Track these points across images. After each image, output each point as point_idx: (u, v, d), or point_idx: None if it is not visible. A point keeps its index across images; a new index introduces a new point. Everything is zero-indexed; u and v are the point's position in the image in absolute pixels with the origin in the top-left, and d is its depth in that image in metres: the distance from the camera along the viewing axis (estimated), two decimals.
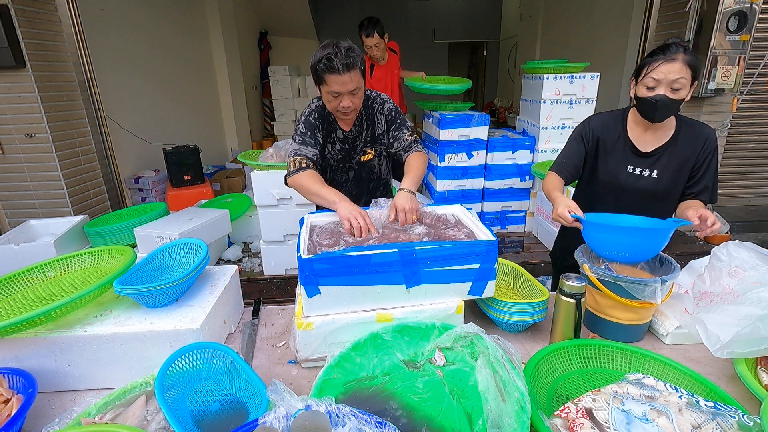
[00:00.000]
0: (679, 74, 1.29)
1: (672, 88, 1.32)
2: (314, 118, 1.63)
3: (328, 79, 1.45)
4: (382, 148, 1.74)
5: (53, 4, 2.96)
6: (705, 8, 3.21)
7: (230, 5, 5.82)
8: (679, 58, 1.29)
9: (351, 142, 1.70)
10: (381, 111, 1.69)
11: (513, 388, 0.84)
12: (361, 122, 1.68)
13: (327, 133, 1.67)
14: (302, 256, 1.07)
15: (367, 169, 1.76)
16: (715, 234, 1.30)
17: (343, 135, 1.68)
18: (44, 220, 2.57)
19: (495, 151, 3.43)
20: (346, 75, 1.43)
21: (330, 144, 1.69)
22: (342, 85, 1.45)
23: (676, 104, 1.34)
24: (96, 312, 1.15)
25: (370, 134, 1.71)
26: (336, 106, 1.52)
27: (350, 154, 1.72)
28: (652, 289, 1.11)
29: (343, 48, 1.42)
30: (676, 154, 1.46)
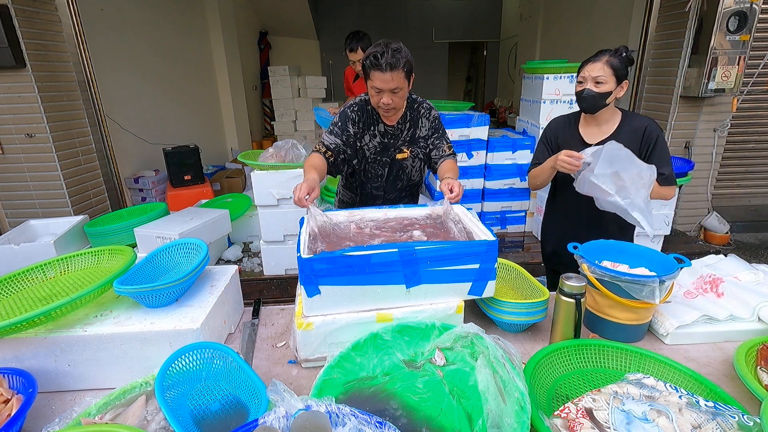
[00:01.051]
0: (600, 72, 1.57)
1: (596, 82, 1.58)
2: (352, 110, 1.73)
3: (372, 74, 1.54)
4: (418, 150, 1.81)
5: (53, 4, 2.96)
6: (705, 8, 3.21)
7: (230, 5, 5.82)
8: (602, 60, 1.58)
9: (392, 137, 1.76)
10: (427, 116, 1.78)
11: (513, 388, 0.84)
12: (405, 121, 1.76)
13: (366, 126, 1.74)
14: (302, 256, 1.07)
15: (399, 167, 1.82)
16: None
17: (384, 129, 1.75)
18: (44, 220, 2.57)
19: (495, 151, 3.43)
20: (389, 74, 1.51)
21: (369, 136, 1.75)
22: (383, 83, 1.53)
23: (602, 96, 1.59)
24: (96, 312, 1.15)
25: (410, 135, 1.78)
26: (377, 102, 1.61)
27: (389, 150, 1.78)
28: (651, 288, 1.11)
29: (392, 49, 1.50)
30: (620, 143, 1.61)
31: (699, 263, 1.50)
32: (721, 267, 1.47)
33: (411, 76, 1.61)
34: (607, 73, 1.57)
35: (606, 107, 1.63)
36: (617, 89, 1.60)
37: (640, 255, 1.31)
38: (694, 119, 3.59)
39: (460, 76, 10.94)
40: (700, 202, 3.87)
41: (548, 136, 1.84)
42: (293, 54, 7.94)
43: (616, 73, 1.57)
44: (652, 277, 1.14)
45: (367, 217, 1.44)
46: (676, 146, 3.67)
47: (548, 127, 1.85)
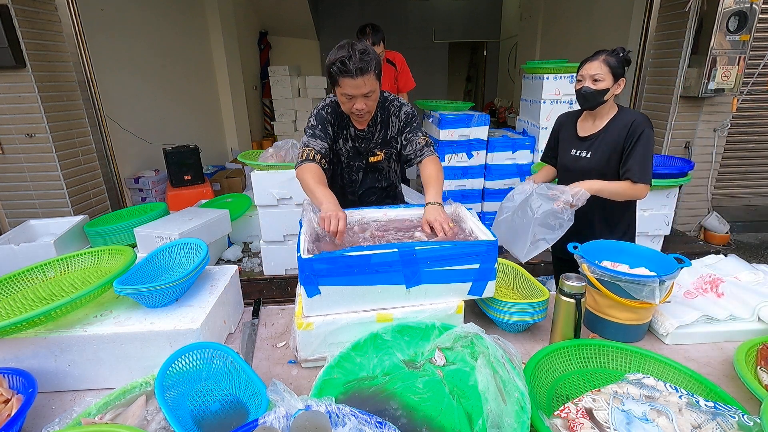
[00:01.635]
0: (597, 70, 1.63)
1: (593, 80, 1.64)
2: (327, 113, 1.64)
3: (341, 81, 1.45)
4: (392, 150, 1.75)
5: (53, 4, 2.96)
6: (705, 8, 3.21)
7: (230, 5, 5.82)
8: (599, 59, 1.64)
9: (363, 141, 1.71)
10: (397, 114, 1.69)
11: (513, 388, 0.84)
12: (375, 123, 1.69)
13: (340, 129, 1.68)
14: (302, 256, 1.07)
15: (374, 170, 1.78)
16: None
17: (355, 133, 1.69)
18: (44, 220, 2.57)
19: (495, 151, 3.43)
20: (360, 79, 1.43)
21: (342, 139, 1.70)
22: (355, 89, 1.45)
23: (598, 93, 1.65)
24: (96, 312, 1.15)
25: (382, 136, 1.71)
26: (350, 108, 1.53)
27: (361, 153, 1.73)
28: (650, 289, 1.11)
29: (358, 51, 1.41)
30: (607, 138, 1.70)
31: (699, 263, 1.50)
32: (721, 267, 1.47)
33: (381, 77, 1.53)
34: (604, 70, 1.62)
35: (605, 103, 1.68)
36: (615, 86, 1.64)
37: (640, 255, 1.31)
38: (694, 119, 3.59)
39: (460, 76, 10.93)
40: (700, 202, 3.87)
41: (554, 129, 1.93)
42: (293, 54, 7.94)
43: (612, 71, 1.62)
44: (652, 277, 1.14)
45: (367, 218, 1.44)
46: (676, 146, 3.67)
47: (556, 121, 1.93)
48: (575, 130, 1.80)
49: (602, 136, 1.70)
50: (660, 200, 3.12)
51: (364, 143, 1.71)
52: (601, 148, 1.70)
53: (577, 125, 1.81)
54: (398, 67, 3.55)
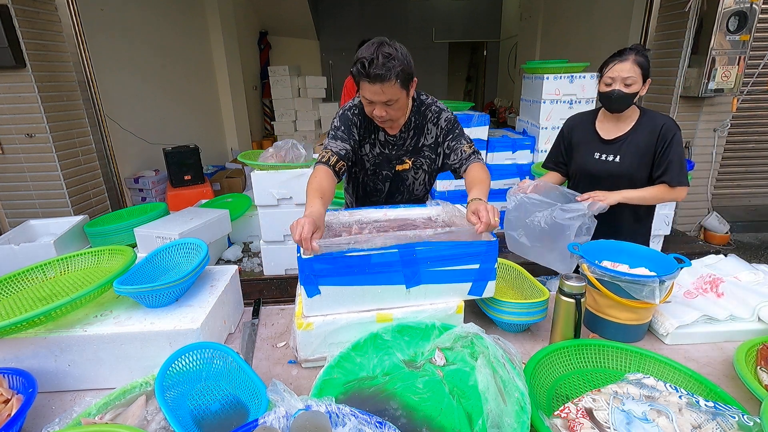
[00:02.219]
0: (630, 72, 1.55)
1: (625, 83, 1.56)
2: (353, 113, 1.52)
3: (361, 84, 1.34)
4: (422, 160, 1.60)
5: (53, 4, 2.96)
6: (705, 8, 3.21)
7: (230, 5, 5.82)
8: (629, 59, 1.55)
9: (393, 148, 1.57)
10: (435, 121, 1.55)
11: (513, 388, 0.84)
12: (408, 129, 1.55)
13: (367, 132, 1.55)
14: (302, 256, 1.07)
15: (399, 180, 1.62)
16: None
17: (385, 138, 1.55)
18: (44, 220, 2.57)
19: (495, 151, 3.43)
20: (378, 86, 1.30)
21: (369, 144, 1.56)
22: (373, 95, 1.34)
23: (630, 97, 1.58)
24: (96, 312, 1.15)
25: (414, 143, 1.57)
26: (370, 112, 1.43)
27: (390, 161, 1.59)
28: (650, 288, 1.11)
29: (383, 54, 1.27)
30: (636, 140, 1.65)
31: (699, 263, 1.50)
32: (721, 267, 1.47)
33: (410, 84, 1.38)
34: (636, 73, 1.55)
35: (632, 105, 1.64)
36: (644, 87, 1.59)
37: (640, 255, 1.31)
38: (694, 119, 3.59)
39: (460, 76, 10.94)
40: (700, 202, 3.87)
41: (564, 133, 1.84)
42: (293, 54, 7.94)
43: (643, 72, 1.56)
44: (652, 277, 1.14)
45: (368, 218, 1.43)
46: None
47: (565, 124, 1.85)
48: (595, 132, 1.72)
49: (630, 138, 1.64)
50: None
51: (394, 150, 1.57)
52: (630, 151, 1.64)
53: (597, 127, 1.73)
54: None
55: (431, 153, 1.60)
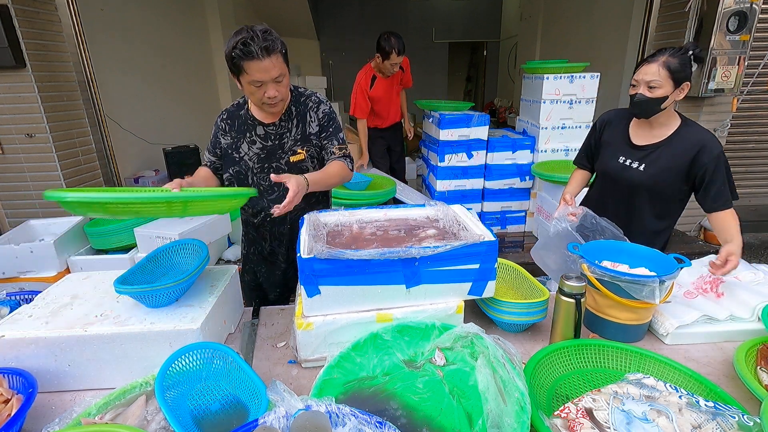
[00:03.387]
0: (654, 76, 1.44)
1: (648, 87, 1.46)
2: (221, 119, 1.58)
3: (247, 66, 1.30)
4: (314, 149, 1.58)
5: (53, 4, 2.96)
6: (705, 8, 3.21)
7: (230, 5, 5.82)
8: (658, 61, 1.44)
9: (276, 138, 1.54)
10: (315, 110, 1.56)
11: (513, 388, 0.84)
12: (289, 118, 1.53)
13: (240, 133, 1.54)
14: (302, 256, 1.07)
15: (297, 171, 1.54)
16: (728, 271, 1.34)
17: (264, 131, 1.53)
18: (44, 220, 2.57)
19: (495, 151, 3.43)
20: (267, 60, 1.29)
21: (247, 143, 1.54)
22: (264, 72, 1.31)
23: (653, 102, 1.46)
24: (96, 312, 1.15)
25: (301, 132, 1.55)
26: (261, 97, 1.38)
27: (276, 153, 1.54)
28: (651, 288, 1.11)
29: (260, 31, 1.28)
30: (668, 153, 1.52)
31: (699, 263, 1.50)
32: None
33: (288, 60, 1.39)
34: (662, 76, 1.43)
35: (667, 112, 1.51)
36: (676, 92, 1.45)
37: (640, 255, 1.31)
38: (694, 119, 3.56)
39: (460, 76, 10.94)
40: None
41: (596, 127, 1.75)
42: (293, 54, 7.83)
43: (673, 76, 1.42)
44: (652, 277, 1.14)
45: (368, 217, 1.43)
46: None
47: (600, 118, 1.75)
48: (627, 134, 1.62)
49: (663, 149, 1.53)
50: None
51: (277, 140, 1.54)
52: (659, 163, 1.53)
53: (630, 130, 1.62)
54: (404, 69, 3.60)
55: (317, 141, 1.59)
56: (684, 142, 1.50)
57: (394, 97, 3.65)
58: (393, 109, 3.68)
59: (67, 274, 1.53)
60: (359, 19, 8.29)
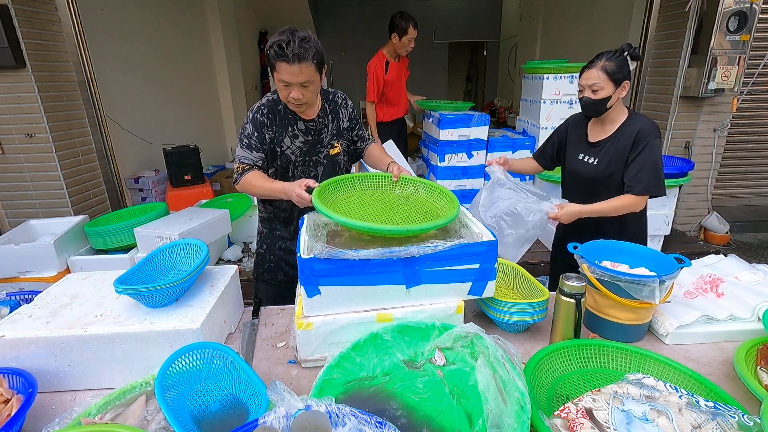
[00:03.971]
0: (595, 80, 1.57)
1: (592, 90, 1.59)
2: (262, 114, 1.57)
3: (278, 66, 1.40)
4: (346, 143, 1.71)
5: (53, 4, 2.96)
6: (705, 8, 3.21)
7: (230, 5, 5.82)
8: (597, 66, 1.58)
9: (315, 133, 1.62)
10: (345, 107, 1.70)
11: (513, 388, 0.84)
12: (325, 114, 1.64)
13: (283, 127, 1.59)
14: (302, 256, 1.07)
15: (334, 163, 1.69)
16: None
17: (305, 126, 1.61)
18: (44, 220, 2.57)
19: (495, 151, 3.43)
20: (296, 66, 1.37)
21: (290, 137, 1.59)
22: (292, 76, 1.40)
23: (598, 103, 1.60)
24: (96, 312, 1.15)
25: (336, 127, 1.67)
26: (286, 96, 1.47)
27: (316, 147, 1.64)
28: (651, 289, 1.11)
29: (298, 38, 1.35)
30: (615, 145, 1.65)
31: (699, 263, 1.51)
32: (721, 267, 1.47)
33: (323, 68, 1.47)
34: (602, 78, 1.56)
35: (614, 109, 1.63)
36: (618, 91, 1.58)
37: (640, 255, 1.31)
38: (694, 119, 3.59)
39: (460, 76, 10.93)
40: (700, 202, 3.87)
41: (561, 129, 1.88)
42: None
43: (611, 77, 1.56)
44: (652, 277, 1.14)
45: None
46: (676, 146, 3.68)
47: (566, 120, 1.88)
48: (585, 133, 1.75)
49: (611, 143, 1.65)
50: (660, 200, 3.12)
51: (317, 135, 1.63)
52: (608, 155, 1.65)
53: (588, 129, 1.75)
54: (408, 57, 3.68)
55: (349, 136, 1.73)
56: (627, 131, 1.63)
57: (403, 84, 3.66)
58: (403, 97, 3.68)
59: (67, 274, 1.53)
60: (359, 19, 8.28)
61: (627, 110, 1.67)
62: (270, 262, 1.80)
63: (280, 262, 1.79)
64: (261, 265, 1.83)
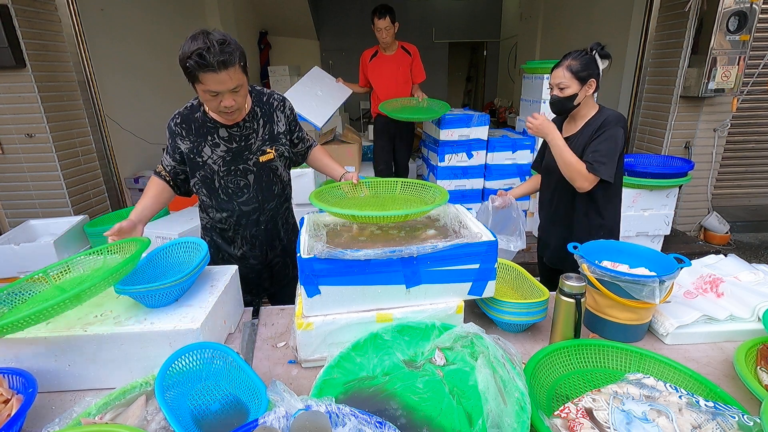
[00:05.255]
0: (561, 78, 1.64)
1: (559, 88, 1.66)
2: (176, 124, 1.50)
3: (203, 77, 1.26)
4: (283, 148, 1.58)
5: (53, 4, 2.96)
6: (705, 8, 3.21)
7: (230, 5, 5.83)
8: (563, 65, 1.64)
9: (242, 140, 1.51)
10: (281, 109, 1.58)
11: (513, 388, 0.84)
12: (254, 118, 1.52)
13: (201, 137, 1.49)
14: (302, 256, 1.07)
15: (267, 170, 1.56)
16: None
17: (228, 133, 1.49)
18: (44, 220, 2.57)
19: (495, 151, 3.44)
20: (224, 73, 1.25)
21: (209, 147, 1.49)
22: (220, 84, 1.28)
23: (567, 100, 1.66)
24: (96, 312, 1.15)
25: (269, 131, 1.55)
26: (216, 107, 1.36)
27: (242, 155, 1.51)
28: (651, 288, 1.11)
29: (217, 42, 1.23)
30: (581, 140, 1.69)
31: (699, 263, 1.50)
32: (721, 267, 1.47)
33: (247, 68, 1.36)
34: (567, 77, 1.63)
35: (581, 106, 1.69)
36: (584, 89, 1.64)
37: (640, 255, 1.31)
38: (694, 119, 3.59)
39: (460, 76, 10.94)
40: (700, 202, 3.87)
41: None
42: (293, 54, 7.94)
43: (576, 76, 1.62)
44: (652, 277, 1.13)
45: None
46: (676, 146, 3.68)
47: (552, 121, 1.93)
48: (561, 131, 1.79)
49: (578, 138, 1.70)
50: (660, 200, 3.12)
51: (243, 142, 1.51)
52: (575, 148, 1.68)
53: (564, 126, 1.81)
54: (412, 56, 3.69)
55: (286, 140, 1.61)
56: (592, 125, 1.67)
57: (399, 85, 3.63)
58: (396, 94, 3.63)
59: None
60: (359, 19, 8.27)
61: (598, 106, 1.72)
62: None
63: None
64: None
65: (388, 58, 3.62)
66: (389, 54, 3.62)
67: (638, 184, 3.00)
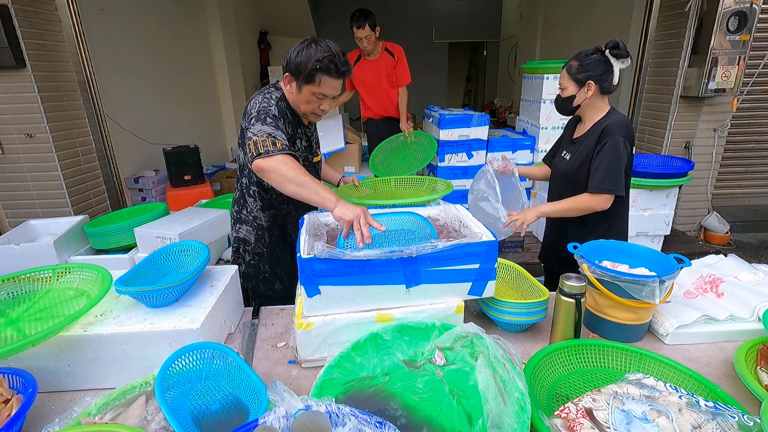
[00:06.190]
0: (561, 79, 1.66)
1: (560, 88, 1.68)
2: (286, 106, 1.50)
3: (324, 80, 1.38)
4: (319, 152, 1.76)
5: (53, 4, 2.96)
6: (705, 8, 3.21)
7: (230, 5, 5.82)
8: (566, 66, 1.64)
9: (310, 139, 1.65)
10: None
11: (513, 388, 0.84)
12: (312, 123, 1.66)
13: (295, 127, 1.56)
14: (302, 256, 1.07)
15: (314, 172, 1.69)
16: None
17: (304, 132, 1.61)
18: (44, 220, 2.56)
19: (495, 151, 3.43)
20: (339, 81, 1.39)
21: (299, 139, 1.58)
22: (333, 89, 1.41)
23: (566, 101, 1.67)
24: (96, 312, 1.15)
25: (316, 137, 1.71)
26: (314, 108, 1.46)
27: (310, 152, 1.66)
28: (651, 289, 1.11)
29: (341, 52, 1.38)
30: (586, 143, 1.67)
31: (699, 263, 1.51)
32: (721, 267, 1.47)
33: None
34: (565, 78, 1.63)
35: (585, 107, 1.66)
36: (582, 91, 1.61)
37: (640, 255, 1.31)
38: (694, 119, 3.59)
39: (460, 76, 10.93)
40: (700, 202, 3.87)
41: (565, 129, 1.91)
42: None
43: (573, 77, 1.61)
44: (652, 277, 1.14)
45: None
46: (676, 146, 3.68)
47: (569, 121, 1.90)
48: (573, 131, 1.80)
49: (584, 141, 1.67)
50: (660, 200, 3.12)
51: (309, 141, 1.64)
52: (579, 152, 1.68)
53: (576, 127, 1.80)
54: (396, 58, 3.50)
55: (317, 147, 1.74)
56: (598, 128, 1.63)
57: (384, 89, 3.52)
58: (383, 104, 3.56)
59: None
60: None
61: (608, 109, 1.67)
62: (265, 272, 1.75)
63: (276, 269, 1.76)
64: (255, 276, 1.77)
65: (371, 63, 3.48)
66: (372, 59, 3.49)
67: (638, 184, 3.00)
